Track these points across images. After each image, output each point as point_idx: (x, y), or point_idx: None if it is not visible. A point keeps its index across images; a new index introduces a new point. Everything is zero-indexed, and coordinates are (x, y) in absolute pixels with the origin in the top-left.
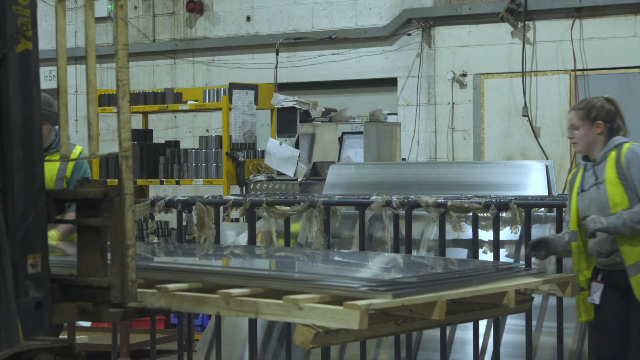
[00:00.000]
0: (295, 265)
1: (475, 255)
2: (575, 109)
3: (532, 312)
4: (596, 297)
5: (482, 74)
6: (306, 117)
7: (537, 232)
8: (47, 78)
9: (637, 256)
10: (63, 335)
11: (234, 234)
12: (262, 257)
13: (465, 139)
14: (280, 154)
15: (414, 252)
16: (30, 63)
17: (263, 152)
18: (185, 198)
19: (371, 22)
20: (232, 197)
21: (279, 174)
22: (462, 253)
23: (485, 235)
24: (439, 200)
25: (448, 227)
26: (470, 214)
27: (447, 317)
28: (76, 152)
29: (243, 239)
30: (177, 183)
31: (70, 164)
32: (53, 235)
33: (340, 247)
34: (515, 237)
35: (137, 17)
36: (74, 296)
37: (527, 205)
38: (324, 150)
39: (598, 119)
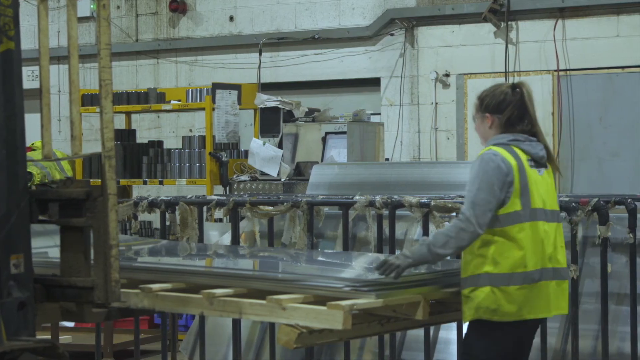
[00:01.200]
0: (279, 265)
1: (458, 255)
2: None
3: None
4: None
5: (465, 74)
6: (289, 117)
7: None
8: (29, 78)
9: (472, 269)
10: (46, 336)
11: (218, 234)
12: (245, 257)
13: (448, 139)
14: (264, 154)
15: (398, 252)
16: (12, 63)
17: (246, 152)
18: (169, 198)
19: (354, 22)
20: (216, 197)
21: (263, 174)
22: None
23: None
24: (423, 200)
25: (431, 227)
26: (454, 213)
27: (430, 317)
28: None
29: (226, 239)
30: (161, 183)
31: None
32: None
33: (324, 247)
34: None
35: (120, 16)
36: (57, 296)
37: None
38: (308, 150)
39: (487, 111)
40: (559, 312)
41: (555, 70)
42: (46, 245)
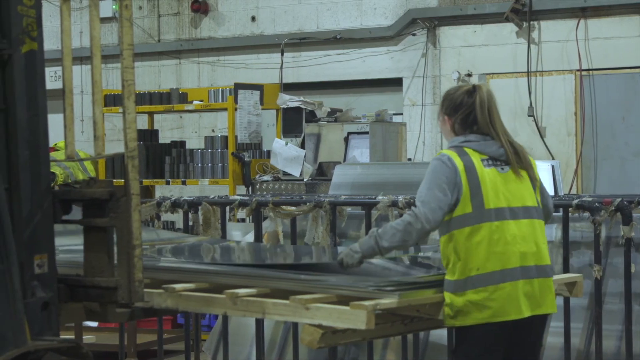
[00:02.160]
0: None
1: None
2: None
3: None
4: None
5: (487, 74)
6: (312, 117)
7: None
8: (52, 78)
9: (456, 273)
10: (70, 336)
11: (240, 234)
12: (271, 255)
13: None
14: (286, 154)
15: (421, 253)
16: (35, 63)
17: (269, 152)
18: (191, 198)
19: (376, 22)
20: (238, 197)
21: (285, 174)
22: None
23: None
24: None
25: None
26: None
27: None
28: None
29: (249, 239)
30: (183, 183)
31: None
32: None
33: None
34: None
35: (142, 17)
36: (80, 296)
37: None
38: (330, 151)
39: (445, 112)
40: (540, 312)
41: (577, 70)
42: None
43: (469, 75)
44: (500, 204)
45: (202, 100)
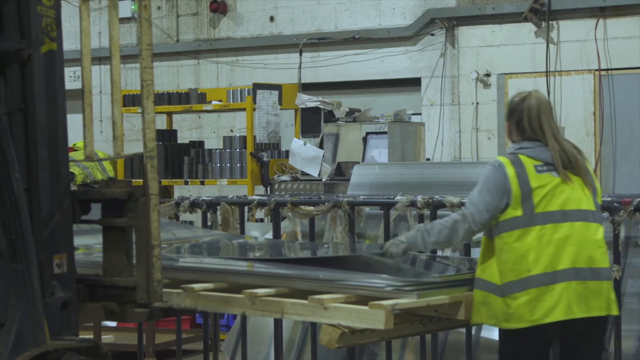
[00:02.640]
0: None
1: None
2: None
3: None
4: None
5: (506, 73)
6: (330, 117)
7: None
8: (71, 78)
9: (483, 270)
10: (89, 335)
11: (259, 234)
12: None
13: (489, 139)
14: (305, 154)
15: (439, 252)
16: (55, 63)
17: (287, 152)
18: (210, 198)
19: (395, 22)
20: (257, 197)
21: (304, 174)
22: None
23: None
24: (464, 200)
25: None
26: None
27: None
28: None
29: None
30: (202, 183)
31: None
32: None
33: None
34: None
35: (161, 17)
36: (99, 296)
37: None
38: (348, 151)
39: (505, 118)
40: (593, 314)
41: (596, 70)
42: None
43: (488, 75)
44: (553, 207)
45: (220, 101)
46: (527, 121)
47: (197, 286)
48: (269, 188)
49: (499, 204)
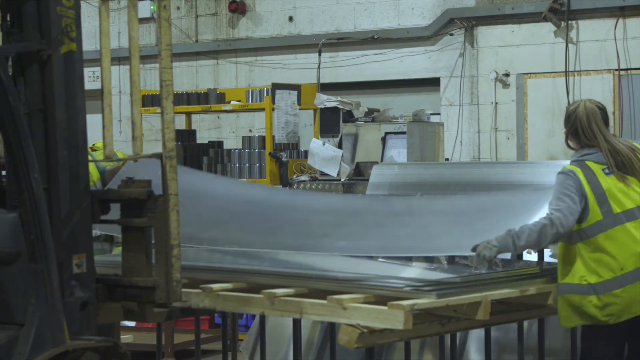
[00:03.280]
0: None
1: (519, 255)
2: None
3: None
4: None
5: (525, 73)
6: (349, 117)
7: None
8: (90, 79)
9: (569, 275)
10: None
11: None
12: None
13: (508, 139)
14: (324, 154)
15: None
16: (74, 64)
17: (306, 152)
18: None
19: (414, 22)
20: None
21: (322, 174)
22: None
23: None
24: None
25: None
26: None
27: (491, 317)
28: None
29: None
30: None
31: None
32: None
33: None
34: None
35: (180, 17)
36: (118, 296)
37: None
38: (367, 151)
39: (565, 126)
40: None
41: (616, 70)
42: None
43: (507, 75)
44: (630, 205)
45: (239, 101)
46: (581, 129)
47: (216, 286)
48: (287, 188)
49: (579, 207)
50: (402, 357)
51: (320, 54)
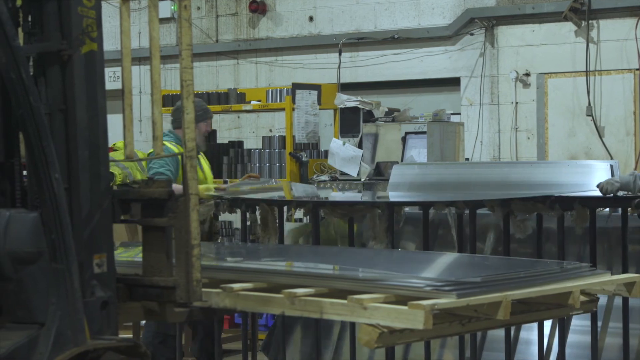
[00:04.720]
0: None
1: (540, 255)
2: None
3: (597, 312)
4: None
5: (545, 73)
6: (369, 117)
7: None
8: (111, 79)
9: None
10: (128, 335)
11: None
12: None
13: (528, 138)
14: (344, 154)
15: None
16: (95, 64)
17: (326, 152)
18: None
19: (434, 21)
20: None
21: (342, 174)
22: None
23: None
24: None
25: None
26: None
27: (511, 317)
28: None
29: None
30: None
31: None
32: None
33: (404, 247)
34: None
35: (200, 17)
36: (139, 296)
37: (592, 204)
38: (387, 150)
39: None
40: None
41: (636, 69)
42: None
43: (527, 74)
44: None
45: (259, 101)
46: None
47: (236, 286)
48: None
49: None
50: (422, 355)
51: (340, 54)
